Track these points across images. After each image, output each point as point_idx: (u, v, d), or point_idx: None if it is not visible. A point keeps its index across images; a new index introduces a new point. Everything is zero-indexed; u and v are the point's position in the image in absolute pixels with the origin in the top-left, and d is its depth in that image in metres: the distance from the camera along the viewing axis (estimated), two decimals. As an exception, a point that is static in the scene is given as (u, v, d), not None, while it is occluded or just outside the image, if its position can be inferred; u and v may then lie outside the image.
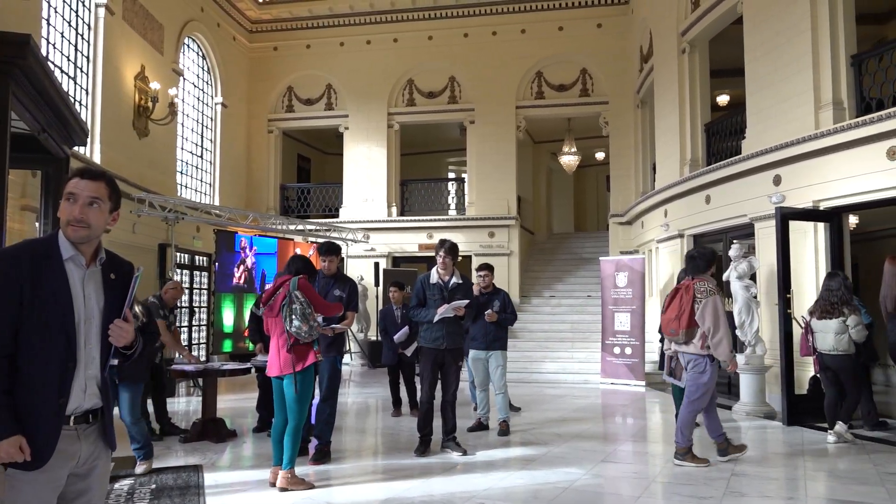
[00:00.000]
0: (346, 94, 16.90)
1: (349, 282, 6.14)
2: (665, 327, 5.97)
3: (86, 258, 2.32)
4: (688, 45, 11.66)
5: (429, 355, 6.16)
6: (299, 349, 5.05)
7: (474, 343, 7.34)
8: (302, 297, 5.04)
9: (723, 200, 10.15)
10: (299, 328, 4.98)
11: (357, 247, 15.97)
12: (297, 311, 4.99)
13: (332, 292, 5.84)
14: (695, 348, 5.74)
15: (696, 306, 5.70)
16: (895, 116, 7.20)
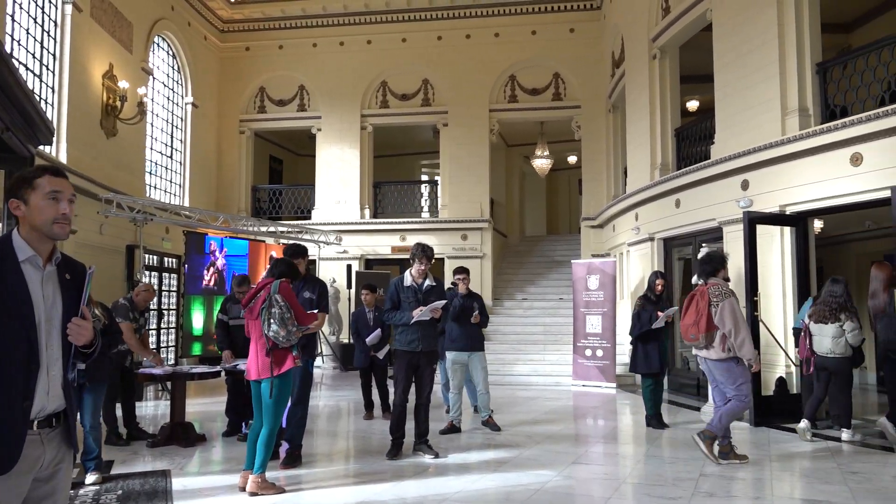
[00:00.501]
0: (319, 95, 16.81)
1: (319, 283, 6.09)
2: (685, 334, 6.08)
3: (42, 259, 2.29)
4: (658, 52, 11.81)
5: (404, 358, 6.14)
6: (277, 353, 5.03)
7: (455, 345, 7.41)
8: (282, 302, 5.02)
9: (692, 204, 10.29)
10: (277, 332, 4.97)
11: (329, 249, 15.88)
12: (276, 316, 4.98)
13: (302, 294, 5.78)
14: (716, 353, 5.90)
15: (713, 310, 5.83)
16: (858, 124, 7.37)
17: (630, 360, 8.17)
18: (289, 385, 5.14)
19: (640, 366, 7.81)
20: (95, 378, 5.50)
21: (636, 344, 7.84)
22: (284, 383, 5.07)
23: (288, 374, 5.08)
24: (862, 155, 7.45)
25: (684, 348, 11.25)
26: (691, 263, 10.45)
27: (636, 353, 7.86)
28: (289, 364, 5.05)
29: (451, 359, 7.48)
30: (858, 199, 7.59)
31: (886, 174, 7.08)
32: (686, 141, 11.30)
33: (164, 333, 13.51)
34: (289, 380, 5.12)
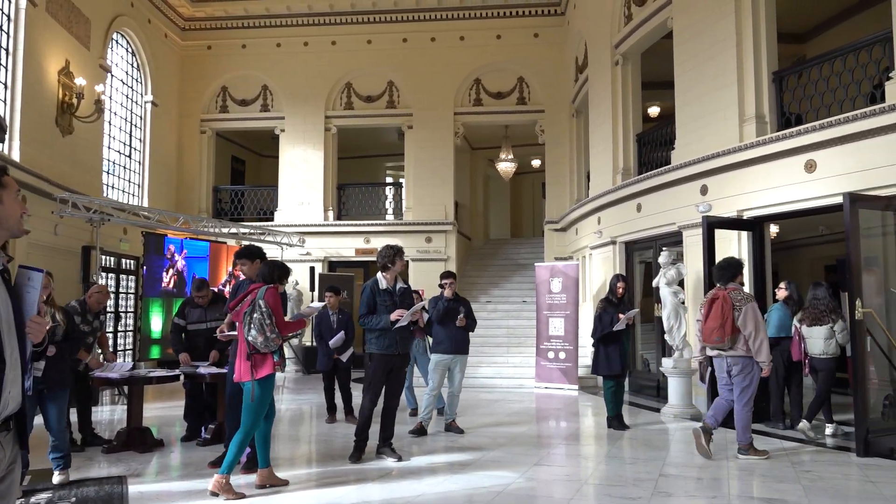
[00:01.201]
0: (283, 95, 16.65)
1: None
2: (708, 336, 6.29)
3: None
4: (621, 58, 11.99)
5: (381, 362, 6.09)
6: (257, 358, 5.04)
7: (440, 347, 7.46)
8: (264, 308, 5.02)
9: (653, 209, 10.46)
10: (255, 338, 5.00)
11: (292, 251, 15.72)
12: (256, 321, 5.00)
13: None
14: (741, 352, 6.18)
15: (736, 314, 6.13)
16: (813, 132, 7.58)
17: (592, 362, 8.26)
18: (268, 390, 5.13)
19: (601, 368, 7.89)
20: (57, 384, 5.39)
21: (598, 346, 7.93)
22: (265, 388, 5.06)
23: (269, 379, 5.08)
24: (816, 162, 7.67)
25: (645, 350, 11.42)
26: (652, 266, 10.61)
27: (598, 355, 7.94)
28: (268, 369, 5.04)
29: (435, 361, 7.51)
30: (812, 204, 7.81)
31: (839, 181, 7.29)
32: (647, 146, 11.49)
33: (122, 336, 13.22)
34: (268, 385, 5.11)
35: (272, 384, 5.17)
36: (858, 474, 5.68)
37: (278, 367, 5.13)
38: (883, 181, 6.90)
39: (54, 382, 5.34)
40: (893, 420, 6.72)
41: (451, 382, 7.55)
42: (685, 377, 8.66)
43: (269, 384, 5.12)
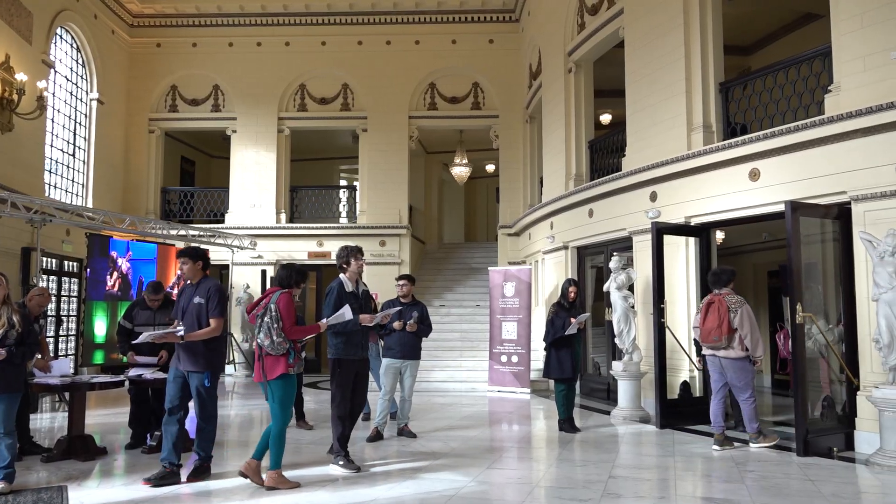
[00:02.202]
0: (235, 95, 16.38)
1: (209, 285, 5.58)
2: (706, 337, 6.99)
3: None
4: (574, 65, 12.17)
5: (350, 367, 6.02)
6: (269, 360, 5.23)
7: (391, 352, 7.40)
8: (274, 312, 5.21)
9: (604, 214, 10.63)
10: (262, 340, 5.21)
11: (243, 254, 15.47)
12: (265, 325, 5.20)
13: (193, 300, 5.49)
14: (735, 353, 6.90)
15: (732, 315, 6.87)
16: (757, 141, 7.82)
17: (544, 365, 8.34)
18: (286, 388, 5.29)
19: (553, 371, 7.98)
20: (11, 387, 5.17)
21: (550, 350, 8.02)
22: (282, 387, 5.25)
23: (286, 379, 5.25)
24: (759, 170, 7.91)
25: (596, 353, 11.59)
26: (603, 271, 10.78)
27: (550, 358, 8.03)
28: (280, 370, 5.20)
29: (386, 365, 7.46)
30: (756, 212, 8.05)
31: (781, 189, 7.54)
32: (599, 153, 11.68)
33: (64, 341, 12.79)
34: (285, 384, 5.27)
35: (290, 383, 5.33)
36: (799, 473, 5.87)
37: (291, 367, 5.25)
38: (822, 190, 7.16)
39: (7, 386, 5.12)
40: (831, 420, 6.96)
41: (402, 387, 7.52)
42: (635, 380, 8.82)
43: (287, 383, 5.29)
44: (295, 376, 5.37)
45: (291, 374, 5.29)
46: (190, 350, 5.40)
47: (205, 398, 5.45)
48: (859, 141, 6.82)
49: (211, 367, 5.47)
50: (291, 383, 5.35)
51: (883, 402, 5.99)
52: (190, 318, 5.44)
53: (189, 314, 5.46)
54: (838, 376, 7.21)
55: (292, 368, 5.26)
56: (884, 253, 6.07)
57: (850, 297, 7.04)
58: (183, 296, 5.61)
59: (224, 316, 5.61)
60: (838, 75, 7.17)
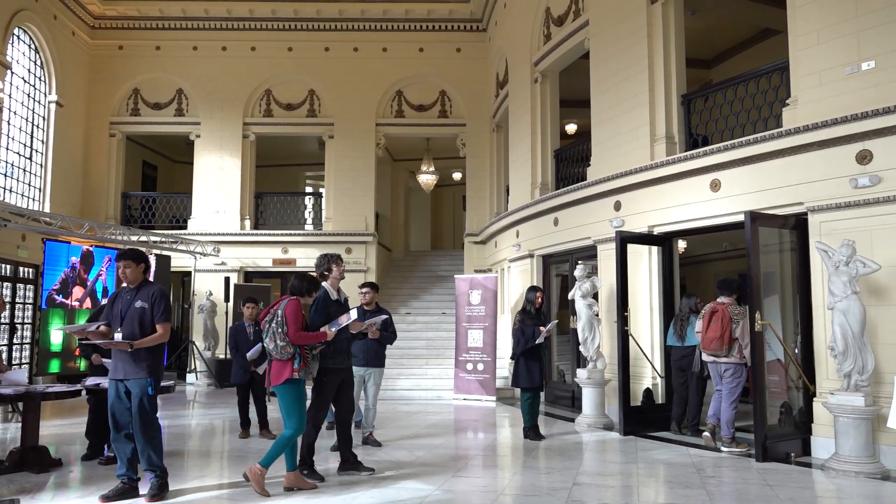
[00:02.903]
0: (199, 100, 16.17)
1: (153, 289, 5.31)
2: (708, 345, 7.34)
3: None
4: (540, 75, 12.29)
5: (336, 376, 5.94)
6: (275, 365, 5.36)
7: (355, 360, 7.29)
8: (280, 318, 5.33)
9: (570, 223, 10.73)
10: (268, 345, 5.36)
11: (206, 260, 15.24)
12: (271, 330, 5.34)
13: (134, 304, 5.21)
14: (735, 359, 7.25)
15: (734, 325, 7.22)
16: (718, 152, 7.98)
17: (512, 375, 8.35)
18: (295, 393, 5.37)
19: (522, 381, 7.99)
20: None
21: (518, 359, 8.02)
22: (290, 392, 5.35)
23: (293, 384, 5.34)
24: (720, 181, 8.07)
25: (561, 361, 11.67)
26: (568, 279, 10.87)
27: (518, 368, 8.03)
28: (286, 375, 5.30)
29: None
30: (717, 222, 8.20)
31: (741, 199, 7.70)
32: (565, 162, 11.80)
33: (18, 349, 12.43)
34: (293, 389, 5.36)
35: (299, 387, 5.40)
36: (758, 479, 5.98)
37: (297, 373, 5.33)
38: (781, 201, 7.33)
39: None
40: (789, 426, 7.11)
41: (367, 395, 7.47)
42: (599, 388, 8.90)
43: (294, 388, 5.37)
44: (302, 382, 5.42)
45: (297, 378, 5.35)
46: (131, 357, 5.10)
47: (147, 407, 5.13)
48: (815, 153, 7.01)
49: (154, 374, 5.19)
50: (298, 388, 5.41)
51: (838, 408, 6.14)
52: (130, 323, 5.15)
53: (130, 319, 5.16)
54: (796, 383, 7.37)
55: (297, 373, 5.33)
56: (839, 263, 6.24)
57: (806, 305, 7.21)
58: (119, 300, 5.30)
59: (171, 321, 5.46)
60: (795, 89, 7.37)
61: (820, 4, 7.13)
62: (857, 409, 6.02)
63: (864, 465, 5.99)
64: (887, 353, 6.32)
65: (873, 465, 6.01)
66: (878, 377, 6.23)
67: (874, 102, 6.48)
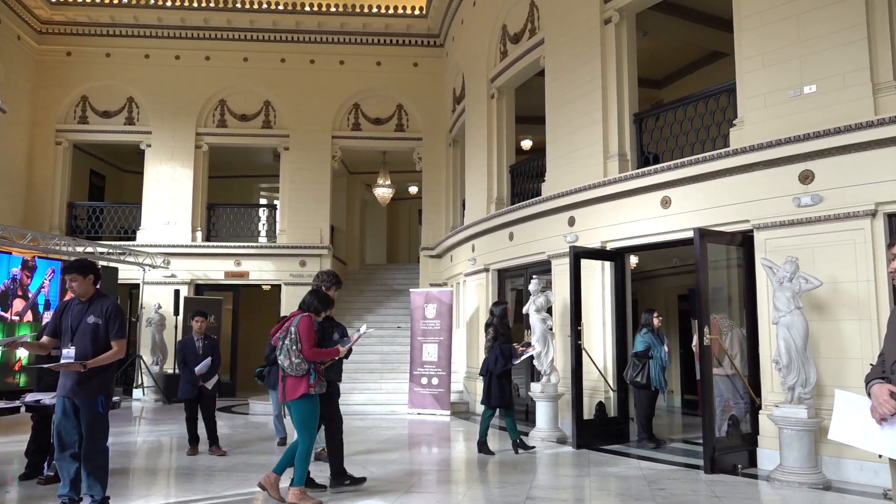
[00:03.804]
0: (150, 109, 15.85)
1: (106, 303, 5.04)
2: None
3: None
4: (496, 91, 12.43)
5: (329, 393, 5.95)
6: (290, 381, 5.40)
7: None
8: (294, 334, 5.39)
9: (524, 238, 10.83)
10: (282, 362, 5.40)
11: (156, 273, 14.88)
12: (285, 347, 5.39)
13: (85, 319, 4.93)
14: (724, 370, 7.33)
15: (724, 337, 7.35)
16: (668, 170, 8.17)
17: (484, 394, 8.06)
18: (309, 409, 5.44)
19: (494, 400, 7.94)
20: None
21: (492, 378, 7.93)
22: (306, 407, 5.42)
23: (308, 399, 5.41)
24: (671, 198, 8.26)
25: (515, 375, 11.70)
26: (522, 294, 10.95)
27: (492, 387, 7.92)
28: (302, 390, 5.35)
29: None
30: (667, 237, 8.39)
31: (691, 216, 7.89)
32: (520, 177, 11.92)
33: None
34: (307, 404, 5.43)
35: (313, 403, 5.47)
36: (706, 490, 6.09)
37: (313, 388, 5.38)
38: (728, 218, 7.54)
39: None
40: (736, 438, 7.27)
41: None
42: (552, 401, 8.96)
43: (309, 404, 5.44)
44: (317, 397, 5.50)
45: (313, 394, 5.42)
46: (81, 373, 4.81)
47: (96, 426, 4.86)
48: (761, 173, 7.24)
49: (104, 391, 4.92)
50: (314, 403, 5.50)
51: (782, 420, 6.31)
52: (82, 339, 4.86)
53: (81, 335, 4.87)
54: (742, 396, 7.55)
55: (313, 389, 5.40)
56: (783, 279, 6.43)
57: (752, 320, 7.41)
58: (68, 313, 4.99)
59: (126, 337, 5.21)
60: (742, 110, 7.61)
61: (764, 30, 7.40)
62: (801, 421, 6.20)
63: (808, 475, 6.16)
64: (828, 367, 6.54)
65: (816, 476, 6.19)
66: (819, 390, 6.43)
67: (816, 125, 6.74)
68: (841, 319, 6.56)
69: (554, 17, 10.55)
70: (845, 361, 6.46)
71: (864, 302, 6.41)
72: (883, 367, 2.86)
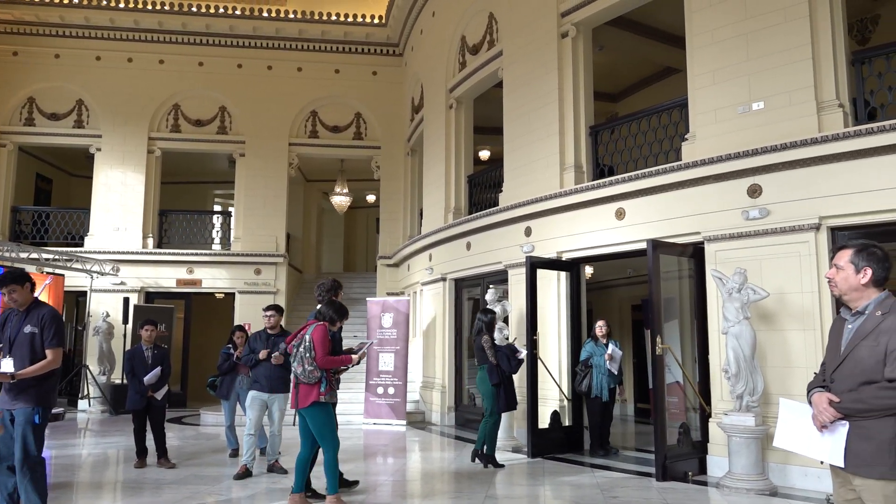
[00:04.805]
0: (101, 112, 15.46)
1: (42, 312, 4.86)
2: None
3: None
4: (455, 102, 12.49)
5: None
6: (303, 388, 5.54)
7: (257, 385, 7.13)
8: (308, 343, 5.54)
9: (482, 248, 10.88)
10: (295, 369, 5.55)
11: (104, 280, 14.47)
12: (299, 355, 5.54)
13: (23, 329, 4.76)
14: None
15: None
16: (622, 182, 8.32)
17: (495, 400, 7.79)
18: (324, 416, 5.59)
19: (511, 405, 7.86)
20: None
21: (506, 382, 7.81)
22: (319, 415, 5.56)
23: (320, 407, 5.56)
24: (625, 210, 8.41)
25: (471, 385, 11.73)
26: (479, 303, 10.99)
27: (505, 392, 7.79)
28: (313, 398, 5.51)
29: (251, 397, 7.16)
30: (622, 248, 8.52)
31: (644, 228, 8.04)
32: (478, 187, 11.99)
33: None
34: (321, 411, 5.58)
35: (326, 410, 5.62)
36: (658, 498, 6.18)
37: (324, 396, 5.52)
38: (680, 230, 7.71)
39: None
40: (687, 446, 7.40)
41: (272, 421, 7.24)
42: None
43: (321, 411, 5.58)
44: (330, 405, 5.65)
45: (324, 401, 5.54)
46: (17, 383, 4.63)
47: (30, 439, 4.62)
48: (711, 186, 7.43)
49: (43, 402, 4.72)
50: (326, 411, 5.62)
51: (731, 428, 6.46)
52: (21, 349, 4.69)
53: (19, 346, 4.71)
54: (693, 404, 7.70)
55: (324, 397, 5.53)
56: (732, 290, 6.60)
57: (703, 330, 7.57)
58: (8, 324, 4.83)
59: (63, 346, 4.98)
60: (693, 125, 7.81)
61: (715, 47, 7.61)
62: (749, 428, 6.35)
63: (755, 482, 6.31)
64: (775, 376, 6.73)
65: (763, 482, 6.34)
66: (766, 398, 6.61)
67: (764, 140, 6.95)
68: (787, 329, 6.76)
69: (512, 29, 10.67)
70: (791, 370, 6.65)
71: (808, 312, 6.61)
72: (823, 376, 2.95)
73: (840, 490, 2.87)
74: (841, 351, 2.88)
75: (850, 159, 6.44)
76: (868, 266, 2.87)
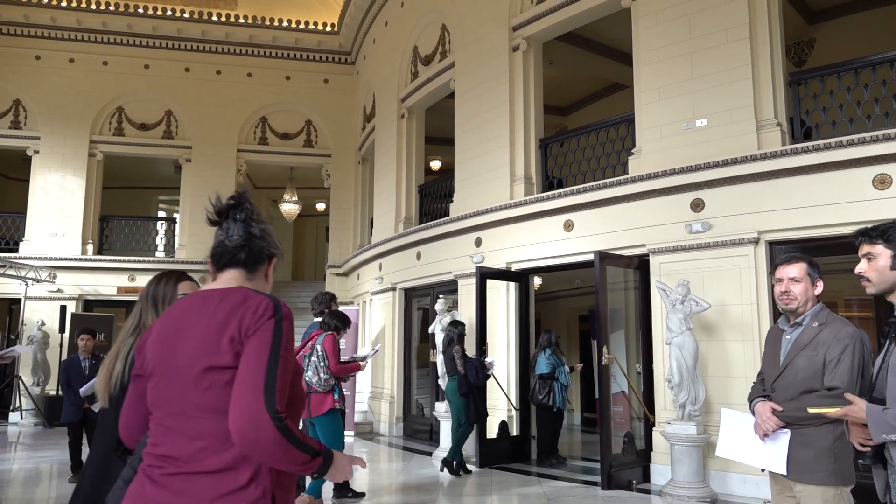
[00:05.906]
0: (40, 113, 14.93)
1: None
2: None
3: None
4: (407, 111, 12.50)
5: None
6: (315, 397, 5.72)
7: None
8: (321, 352, 5.77)
9: (432, 257, 10.88)
10: (310, 378, 5.70)
11: (40, 287, 13.93)
12: (313, 364, 5.72)
13: None
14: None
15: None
16: (571, 195, 8.45)
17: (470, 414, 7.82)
18: (336, 423, 5.83)
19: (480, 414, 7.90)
20: None
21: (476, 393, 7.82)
22: (332, 422, 5.77)
23: (332, 414, 5.78)
24: (573, 222, 8.53)
25: (420, 395, 11.70)
26: (429, 313, 10.98)
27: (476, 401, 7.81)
28: (328, 405, 5.73)
29: None
30: (569, 260, 8.64)
31: (591, 240, 8.17)
32: (429, 197, 12.00)
33: None
34: (335, 419, 5.82)
35: (337, 419, 5.85)
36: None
37: (337, 403, 5.77)
38: (626, 242, 7.86)
39: None
40: (631, 455, 7.53)
41: None
42: (456, 421, 8.97)
43: (334, 419, 5.80)
44: (340, 412, 5.89)
45: (337, 409, 5.79)
46: None
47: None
48: (656, 200, 7.61)
49: None
50: (337, 419, 5.87)
51: (674, 436, 6.59)
52: None
53: None
54: (638, 413, 7.84)
55: (337, 404, 5.78)
56: (675, 301, 6.76)
57: (647, 340, 7.72)
58: None
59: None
60: (640, 140, 7.99)
61: (661, 65, 7.82)
62: (690, 437, 6.50)
63: (696, 489, 6.45)
64: (716, 385, 6.90)
65: (704, 490, 6.49)
66: (708, 407, 6.77)
67: (706, 156, 7.16)
68: (727, 340, 6.95)
69: (464, 41, 10.75)
70: (731, 380, 6.83)
71: (747, 324, 6.82)
72: (763, 387, 3.04)
73: (778, 497, 2.96)
74: (780, 361, 2.97)
75: (787, 176, 6.69)
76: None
